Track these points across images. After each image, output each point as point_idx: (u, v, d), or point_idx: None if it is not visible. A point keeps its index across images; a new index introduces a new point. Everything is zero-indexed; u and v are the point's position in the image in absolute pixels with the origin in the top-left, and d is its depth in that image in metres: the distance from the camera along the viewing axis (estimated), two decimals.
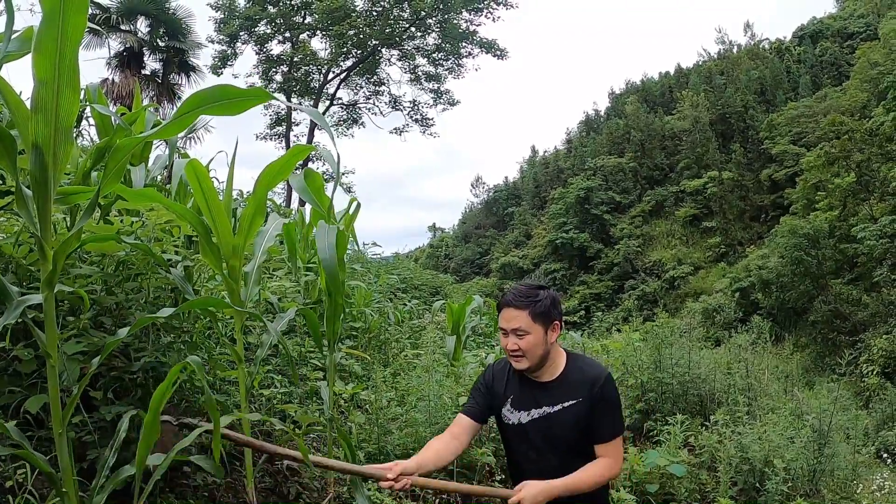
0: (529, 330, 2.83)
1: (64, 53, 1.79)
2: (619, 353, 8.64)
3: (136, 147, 2.15)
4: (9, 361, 2.93)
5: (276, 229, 3.24)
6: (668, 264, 59.26)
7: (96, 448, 2.80)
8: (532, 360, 2.87)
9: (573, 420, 2.89)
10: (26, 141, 1.87)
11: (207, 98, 2.01)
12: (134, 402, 2.98)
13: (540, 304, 2.86)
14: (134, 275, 3.31)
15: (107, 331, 3.09)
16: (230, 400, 3.58)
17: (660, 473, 5.36)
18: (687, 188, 63.95)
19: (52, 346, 1.94)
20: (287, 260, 5.55)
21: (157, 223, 3.26)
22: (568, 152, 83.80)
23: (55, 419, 1.97)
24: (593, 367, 2.97)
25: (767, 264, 39.03)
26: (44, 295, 1.92)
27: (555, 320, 2.90)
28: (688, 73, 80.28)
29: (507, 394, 3.03)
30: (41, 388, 2.90)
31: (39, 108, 1.83)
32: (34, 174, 1.87)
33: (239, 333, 2.92)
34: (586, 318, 47.06)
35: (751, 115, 64.79)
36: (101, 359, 2.12)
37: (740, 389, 7.35)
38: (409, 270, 18.03)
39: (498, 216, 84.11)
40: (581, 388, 2.89)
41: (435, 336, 6.90)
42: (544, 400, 2.94)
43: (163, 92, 25.46)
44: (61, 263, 1.93)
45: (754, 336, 8.98)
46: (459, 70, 39.30)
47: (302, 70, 38.46)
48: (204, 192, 2.74)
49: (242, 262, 2.87)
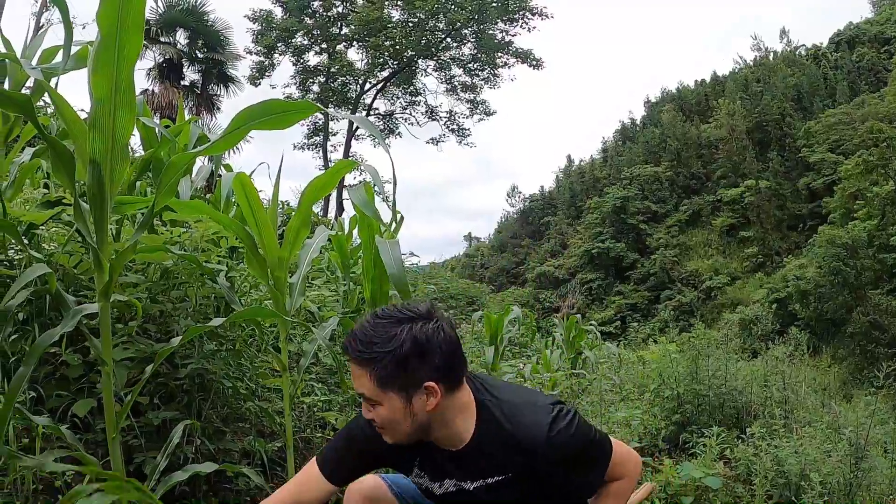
0: (379, 400, 1.90)
1: (120, 73, 1.86)
2: (655, 364, 8.62)
3: (189, 162, 2.25)
4: (57, 366, 3.03)
5: (322, 241, 3.32)
6: (704, 274, 58.62)
7: (142, 452, 2.89)
8: (397, 437, 1.98)
9: (508, 497, 2.06)
10: (83, 156, 1.95)
11: (256, 113, 2.05)
12: (180, 408, 3.07)
13: (385, 361, 1.85)
14: (178, 284, 3.41)
15: (152, 338, 3.19)
16: (272, 406, 3.66)
17: (695, 486, 5.29)
18: (724, 197, 63.24)
19: (107, 353, 2.01)
20: (327, 269, 5.66)
21: (203, 234, 3.35)
22: (604, 161, 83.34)
23: (109, 423, 2.05)
24: (526, 426, 1.96)
25: (805, 275, 38.47)
26: (100, 305, 1.99)
27: (424, 381, 1.88)
28: (724, 81, 79.40)
29: (411, 457, 2.15)
30: (88, 392, 3.00)
31: (97, 125, 1.90)
32: (91, 188, 1.95)
33: (284, 342, 2.98)
34: (622, 328, 46.69)
35: (788, 122, 63.93)
36: (154, 366, 2.19)
37: (777, 402, 7.28)
38: (445, 280, 18.15)
39: (533, 226, 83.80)
40: (509, 462, 1.99)
41: (473, 346, 6.96)
42: (455, 473, 2.09)
43: (202, 103, 25.87)
44: (117, 274, 2.01)
45: (791, 348, 8.88)
46: (495, 80, 39.55)
47: (339, 81, 38.94)
48: (251, 204, 2.81)
49: (287, 273, 2.94)
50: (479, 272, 77.97)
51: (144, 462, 2.83)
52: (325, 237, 3.40)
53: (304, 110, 2.19)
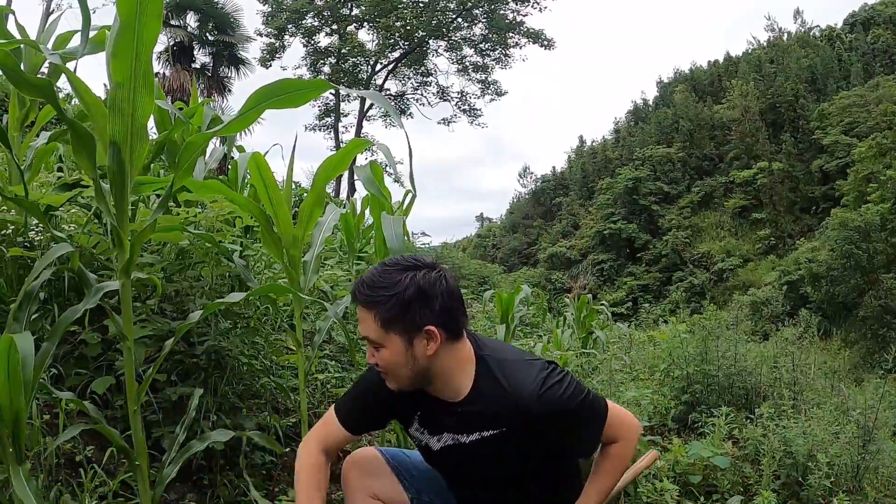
0: (381, 342, 1.99)
1: (139, 58, 1.91)
2: (665, 344, 8.66)
3: (206, 143, 2.30)
4: (76, 346, 3.10)
5: (334, 220, 3.37)
6: (716, 256, 58.52)
7: (160, 426, 2.97)
8: (398, 381, 2.06)
9: (502, 453, 2.12)
10: (103, 138, 2.00)
11: (271, 92, 2.09)
12: (197, 384, 3.14)
13: (389, 304, 1.95)
14: (194, 264, 3.47)
15: (168, 317, 3.25)
16: (286, 383, 3.74)
17: (703, 465, 5.27)
18: (736, 179, 63.00)
19: (129, 328, 2.08)
20: (340, 249, 5.71)
21: (218, 214, 3.41)
22: (616, 142, 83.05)
23: (130, 397, 2.11)
24: (519, 381, 2.03)
25: (817, 257, 38.38)
26: (120, 281, 2.06)
27: (425, 325, 1.96)
28: (737, 62, 78.90)
29: (413, 408, 2.23)
30: (107, 370, 3.07)
31: (116, 108, 1.95)
32: (111, 169, 2.00)
33: (298, 320, 3.04)
34: (633, 309, 46.64)
35: (801, 104, 63.53)
36: (173, 341, 2.26)
37: (786, 383, 7.31)
38: (457, 260, 18.24)
39: (545, 206, 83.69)
40: (504, 416, 2.05)
41: (485, 324, 7.01)
42: (451, 425, 2.15)
43: (213, 85, 25.93)
44: (137, 252, 2.07)
45: (801, 330, 8.89)
46: (507, 60, 39.36)
47: (350, 62, 38.86)
48: (266, 184, 2.87)
49: (302, 251, 3.00)
50: (491, 253, 78.07)
51: (163, 436, 2.91)
52: (338, 216, 3.45)
53: (318, 88, 2.23)
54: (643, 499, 4.51)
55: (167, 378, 3.11)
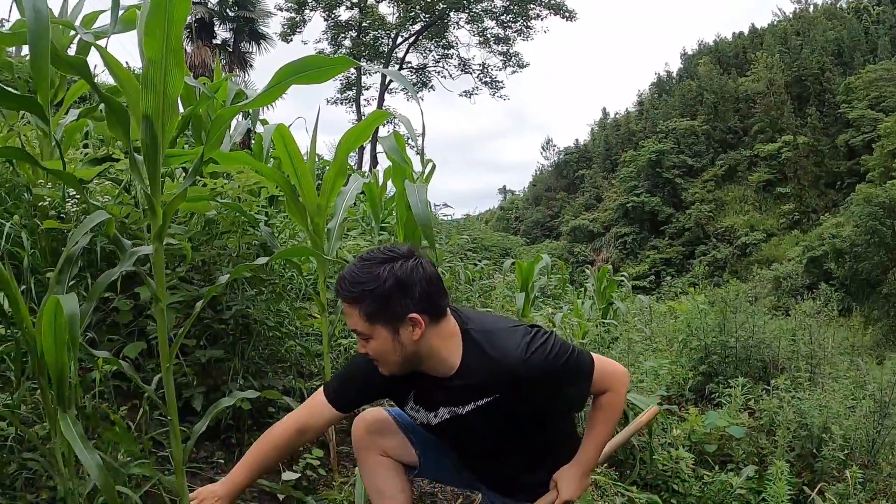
0: (370, 334, 2.09)
1: (170, 36, 2.00)
2: (684, 315, 8.71)
3: (234, 116, 2.41)
4: (108, 313, 3.24)
5: (357, 189, 3.49)
6: (740, 230, 58.07)
7: (190, 388, 3.11)
8: (390, 367, 2.17)
9: (499, 417, 2.24)
10: (136, 113, 2.10)
11: (296, 69, 2.18)
12: (225, 347, 3.28)
13: (369, 297, 2.04)
14: (220, 233, 3.60)
15: (195, 285, 3.39)
16: (311, 347, 3.88)
17: (719, 435, 5.34)
18: (761, 152, 62.29)
19: (161, 291, 2.20)
20: (363, 220, 5.85)
21: (244, 185, 3.53)
22: (639, 114, 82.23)
23: (163, 355, 2.24)
24: (503, 349, 2.13)
25: (842, 233, 37.94)
26: (154, 246, 2.18)
27: (408, 313, 2.05)
28: (762, 34, 77.59)
29: (407, 387, 2.33)
30: (137, 336, 3.21)
31: (149, 84, 2.05)
32: (145, 142, 2.11)
33: (322, 285, 3.17)
34: (656, 283, 46.49)
35: (827, 77, 62.53)
36: (203, 303, 2.39)
37: (803, 356, 7.34)
38: (479, 231, 18.31)
39: (568, 179, 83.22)
40: (495, 383, 2.16)
41: (505, 294, 7.10)
42: (447, 400, 2.26)
43: (234, 61, 26.06)
44: (169, 219, 2.19)
45: (821, 304, 8.89)
46: (528, 32, 39.16)
47: (370, 35, 38.76)
48: (290, 155, 2.98)
49: (325, 219, 3.12)
50: (514, 225, 77.89)
51: (192, 397, 3.05)
52: (360, 186, 3.57)
53: (341, 65, 2.31)
54: (659, 466, 4.62)
55: (196, 343, 3.25)
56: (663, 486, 4.54)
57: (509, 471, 2.46)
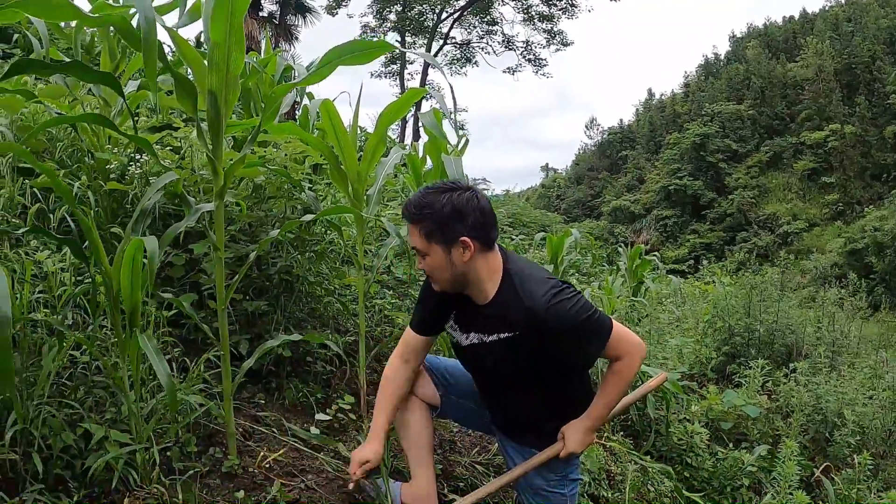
0: (426, 251, 2.42)
1: (233, 20, 2.29)
2: (711, 296, 8.83)
3: (287, 92, 2.73)
4: (162, 268, 3.55)
5: (397, 160, 3.82)
6: (782, 218, 57.21)
7: (237, 335, 3.43)
8: (442, 283, 2.51)
9: (514, 355, 2.49)
10: (202, 88, 2.41)
11: (342, 51, 2.47)
12: (270, 299, 3.62)
13: (429, 218, 2.38)
14: (267, 198, 3.92)
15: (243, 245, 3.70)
16: (348, 305, 4.21)
17: (736, 413, 5.43)
18: (807, 140, 61.11)
19: (220, 241, 2.54)
20: (402, 191, 6.16)
21: (291, 153, 3.84)
22: (685, 97, 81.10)
23: (219, 297, 2.59)
24: (532, 293, 2.38)
25: (884, 226, 37.29)
26: (215, 203, 2.51)
27: (460, 236, 2.36)
28: (813, 19, 75.88)
29: (451, 307, 2.65)
30: (190, 288, 3.53)
31: (213, 63, 2.35)
32: (209, 114, 2.43)
33: (360, 244, 3.48)
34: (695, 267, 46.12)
35: (878, 66, 60.90)
36: (254, 255, 2.73)
37: (826, 343, 7.42)
38: (517, 207, 18.49)
39: (611, 159, 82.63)
40: (518, 321, 2.42)
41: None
42: (478, 325, 2.56)
43: (280, 33, 26.33)
44: (230, 180, 2.52)
45: (848, 293, 8.94)
46: (573, 10, 38.95)
47: (416, 9, 38.81)
48: (335, 127, 3.28)
49: (365, 186, 3.43)
50: (555, 203, 77.56)
51: (239, 343, 3.38)
52: (399, 157, 3.88)
53: (383, 48, 2.61)
54: (674, 439, 4.79)
55: (243, 297, 3.57)
56: (677, 458, 4.71)
57: (522, 414, 2.72)
